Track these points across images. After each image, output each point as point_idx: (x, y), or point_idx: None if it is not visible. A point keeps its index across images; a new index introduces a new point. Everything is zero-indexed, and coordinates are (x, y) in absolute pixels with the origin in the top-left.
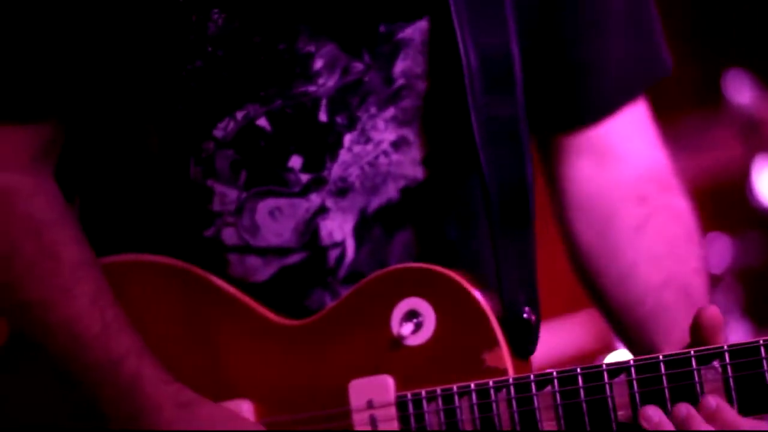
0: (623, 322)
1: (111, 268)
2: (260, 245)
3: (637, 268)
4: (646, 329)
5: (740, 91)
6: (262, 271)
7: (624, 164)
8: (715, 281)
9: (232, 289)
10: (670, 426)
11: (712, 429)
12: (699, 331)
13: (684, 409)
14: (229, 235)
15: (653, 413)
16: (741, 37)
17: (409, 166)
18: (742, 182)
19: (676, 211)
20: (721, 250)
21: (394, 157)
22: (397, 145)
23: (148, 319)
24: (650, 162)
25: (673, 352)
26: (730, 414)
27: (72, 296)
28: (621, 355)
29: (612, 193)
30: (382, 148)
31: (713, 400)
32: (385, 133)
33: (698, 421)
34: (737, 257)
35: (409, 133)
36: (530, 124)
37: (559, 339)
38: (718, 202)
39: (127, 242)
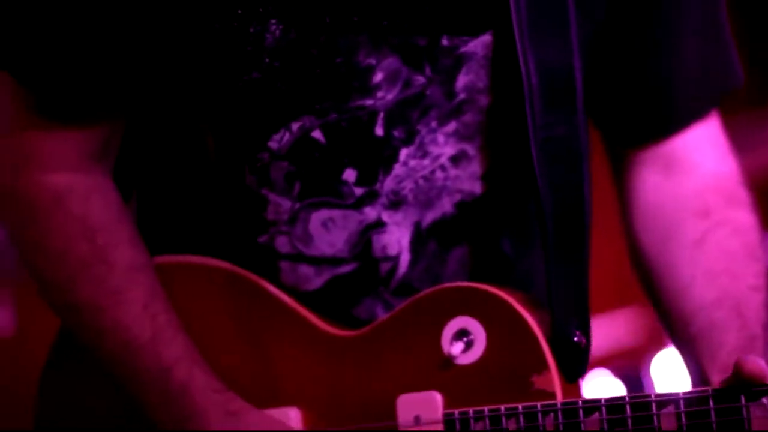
0: (678, 337)
1: (164, 268)
2: (313, 254)
3: (693, 285)
4: (695, 346)
5: None
6: (314, 280)
7: (690, 176)
8: None
9: (284, 296)
10: None
11: None
12: (742, 377)
13: None
14: (282, 244)
15: None
16: None
17: (467, 180)
18: None
19: (739, 225)
20: None
21: (452, 171)
22: (456, 159)
23: (198, 322)
24: (717, 174)
25: (719, 373)
26: None
27: (123, 301)
28: (670, 352)
29: (676, 205)
30: (439, 163)
31: None
32: (444, 148)
33: None
34: None
35: (470, 148)
36: (603, 137)
37: (607, 334)
38: None
39: (182, 243)
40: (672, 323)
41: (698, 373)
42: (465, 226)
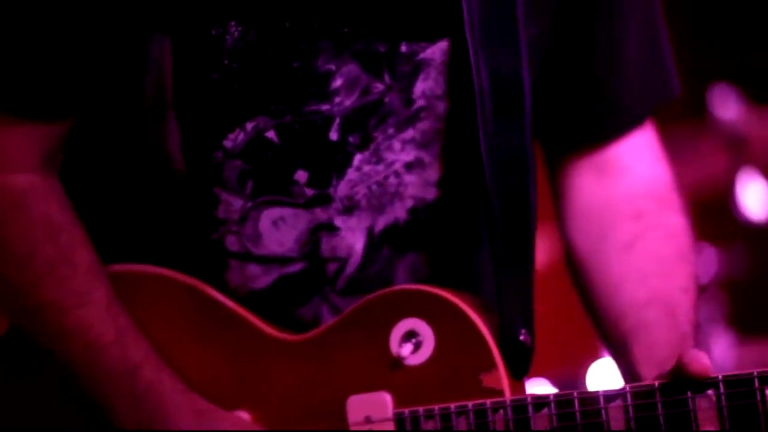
0: (608, 336)
1: (113, 277)
2: (261, 253)
3: (624, 285)
4: (628, 345)
5: (726, 106)
6: (261, 278)
7: (624, 180)
8: (700, 291)
9: (229, 302)
10: None
11: None
12: (686, 375)
13: None
14: (231, 242)
15: None
16: (727, 52)
17: (421, 187)
18: (727, 195)
19: (671, 229)
20: (706, 260)
21: (406, 177)
22: (411, 166)
23: (145, 329)
24: (651, 179)
25: (653, 371)
26: None
27: (87, 302)
28: (606, 362)
29: (610, 208)
30: (393, 169)
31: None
32: (400, 155)
33: None
34: (722, 268)
35: (425, 156)
36: (540, 140)
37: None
38: (704, 214)
39: (127, 244)
40: (603, 322)
41: (630, 371)
42: (417, 231)
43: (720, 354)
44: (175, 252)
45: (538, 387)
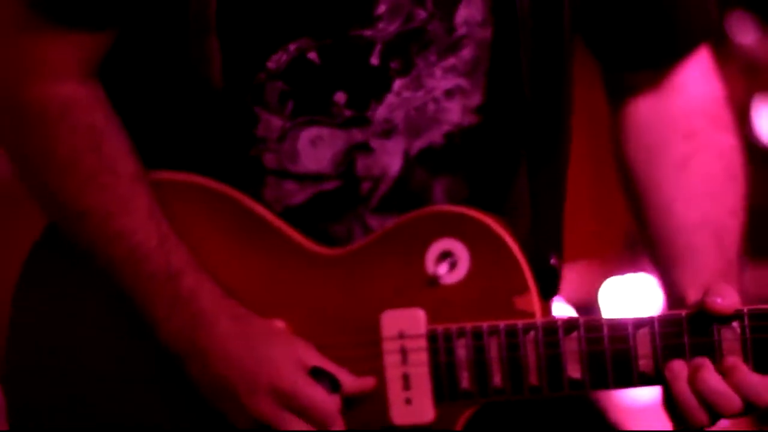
0: (657, 255)
1: (154, 184)
2: (298, 171)
3: (675, 205)
4: (676, 267)
5: (743, 32)
6: (297, 195)
7: (679, 98)
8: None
9: (268, 214)
10: (686, 374)
11: (721, 379)
12: (707, 311)
13: (700, 360)
14: (269, 159)
15: (677, 365)
16: None
17: (460, 113)
18: (743, 120)
19: (722, 148)
20: None
21: (445, 104)
22: (451, 93)
23: (187, 237)
24: (704, 97)
25: (698, 292)
26: (744, 371)
27: (131, 208)
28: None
29: (663, 126)
30: (433, 95)
31: (730, 359)
32: (441, 82)
33: (709, 370)
34: None
35: (466, 83)
36: (597, 59)
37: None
38: None
39: (165, 158)
40: (653, 241)
41: (675, 291)
42: (452, 155)
43: None
44: (213, 166)
45: (554, 305)
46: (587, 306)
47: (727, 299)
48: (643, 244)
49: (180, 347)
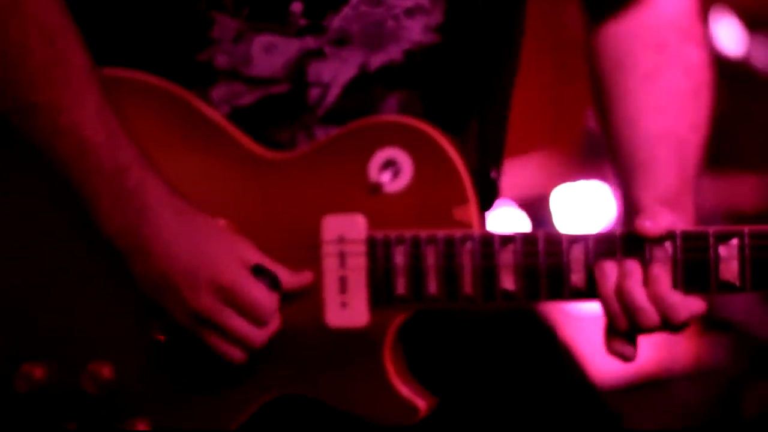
0: (619, 166)
1: (104, 80)
2: (249, 74)
3: (640, 116)
4: (635, 177)
5: None
6: (246, 96)
7: (650, 10)
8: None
9: (216, 116)
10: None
11: (644, 292)
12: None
13: (630, 265)
14: (221, 60)
15: (608, 267)
16: None
17: (420, 32)
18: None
19: (691, 63)
20: None
21: (405, 22)
22: (412, 12)
23: (135, 134)
24: (676, 10)
25: (650, 206)
26: (664, 286)
27: (81, 103)
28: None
29: (634, 37)
30: (393, 13)
31: (655, 269)
32: (401, 0)
33: (636, 280)
34: None
35: (427, 2)
36: None
37: (518, 176)
38: None
39: (117, 54)
40: (616, 151)
41: (632, 202)
42: (411, 72)
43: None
44: (164, 65)
45: (505, 208)
46: (538, 203)
47: (657, 223)
48: (609, 156)
49: (124, 243)
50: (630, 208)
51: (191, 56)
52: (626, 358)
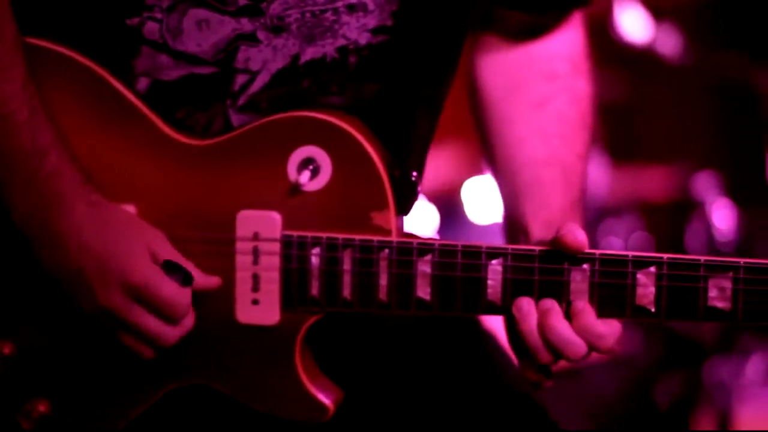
0: (504, 186)
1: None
2: (177, 48)
3: (526, 142)
4: (520, 198)
5: None
6: (170, 71)
7: (544, 40)
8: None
9: (133, 98)
10: (534, 320)
11: (568, 325)
12: (560, 246)
13: (548, 302)
14: (151, 30)
15: (526, 303)
16: None
17: (355, 29)
18: (605, 18)
19: (579, 94)
20: None
21: (344, 17)
22: (353, 8)
23: (48, 110)
24: (569, 42)
25: (542, 229)
26: (590, 318)
27: (7, 77)
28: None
29: (526, 64)
30: (334, 5)
31: (580, 304)
32: None
33: (558, 315)
34: (599, 92)
35: (370, 2)
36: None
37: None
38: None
39: (38, 19)
40: (501, 174)
41: (516, 223)
42: (341, 72)
43: (594, 178)
44: (93, 25)
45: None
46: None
47: (579, 238)
48: (492, 176)
49: (33, 229)
50: (514, 231)
51: (121, 19)
52: (542, 388)
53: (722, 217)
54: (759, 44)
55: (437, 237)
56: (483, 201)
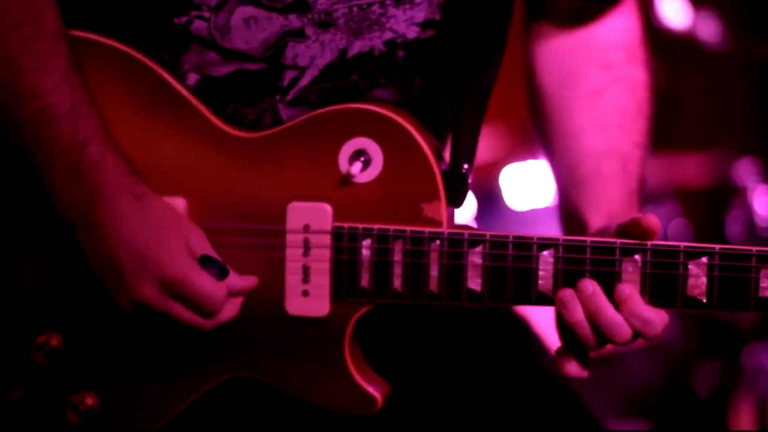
0: (563, 179)
1: (73, 42)
2: (226, 46)
3: (585, 132)
4: (580, 191)
5: None
6: (219, 67)
7: (599, 28)
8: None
9: (184, 91)
10: (581, 311)
11: (612, 307)
12: (635, 231)
13: (590, 286)
14: (198, 28)
15: (569, 296)
16: None
17: (404, 23)
18: (645, 5)
19: (635, 83)
20: None
21: (392, 10)
22: (400, 1)
23: (98, 102)
24: (624, 30)
25: (601, 221)
26: (638, 303)
27: (48, 67)
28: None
29: (581, 53)
30: None
31: (627, 289)
32: None
33: (601, 298)
34: None
35: None
36: None
37: None
38: None
39: (89, 14)
40: (560, 166)
41: (576, 216)
42: (390, 65)
43: None
44: (141, 23)
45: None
46: (485, 180)
47: (655, 223)
48: (552, 169)
49: (74, 218)
50: (572, 222)
51: (169, 18)
52: (581, 379)
53: (763, 203)
54: None
55: (475, 224)
56: (521, 187)
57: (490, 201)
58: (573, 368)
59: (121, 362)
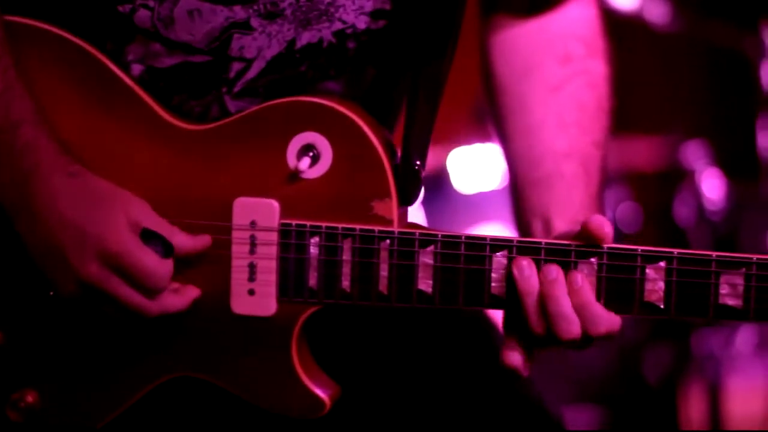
0: (519, 176)
1: (11, 27)
2: (169, 37)
3: (544, 129)
4: (538, 191)
5: None
6: (164, 59)
7: (556, 19)
8: None
9: (128, 80)
10: (536, 282)
11: (570, 301)
12: (585, 235)
13: (555, 272)
14: (142, 18)
15: (527, 265)
16: None
17: (352, 12)
18: None
19: (595, 77)
20: None
21: (340, 1)
22: None
23: (36, 87)
24: (582, 20)
25: (562, 225)
26: (589, 295)
27: None
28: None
29: (538, 45)
30: None
31: (580, 278)
32: None
33: (561, 288)
34: None
35: None
36: None
37: None
38: None
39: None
40: (516, 161)
41: (537, 212)
42: (339, 57)
43: None
44: (83, 10)
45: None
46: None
47: (605, 229)
48: (507, 165)
49: (10, 201)
50: (528, 216)
51: (113, 5)
52: (520, 373)
53: (711, 186)
54: (747, 11)
55: (422, 208)
56: (469, 170)
57: (438, 184)
58: (515, 358)
59: (63, 359)
